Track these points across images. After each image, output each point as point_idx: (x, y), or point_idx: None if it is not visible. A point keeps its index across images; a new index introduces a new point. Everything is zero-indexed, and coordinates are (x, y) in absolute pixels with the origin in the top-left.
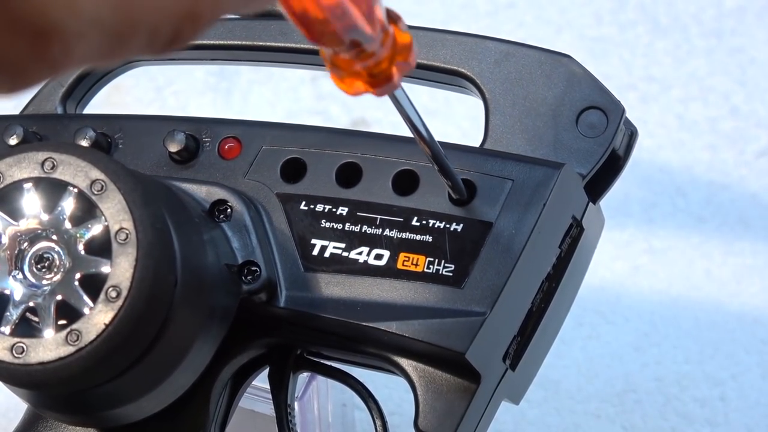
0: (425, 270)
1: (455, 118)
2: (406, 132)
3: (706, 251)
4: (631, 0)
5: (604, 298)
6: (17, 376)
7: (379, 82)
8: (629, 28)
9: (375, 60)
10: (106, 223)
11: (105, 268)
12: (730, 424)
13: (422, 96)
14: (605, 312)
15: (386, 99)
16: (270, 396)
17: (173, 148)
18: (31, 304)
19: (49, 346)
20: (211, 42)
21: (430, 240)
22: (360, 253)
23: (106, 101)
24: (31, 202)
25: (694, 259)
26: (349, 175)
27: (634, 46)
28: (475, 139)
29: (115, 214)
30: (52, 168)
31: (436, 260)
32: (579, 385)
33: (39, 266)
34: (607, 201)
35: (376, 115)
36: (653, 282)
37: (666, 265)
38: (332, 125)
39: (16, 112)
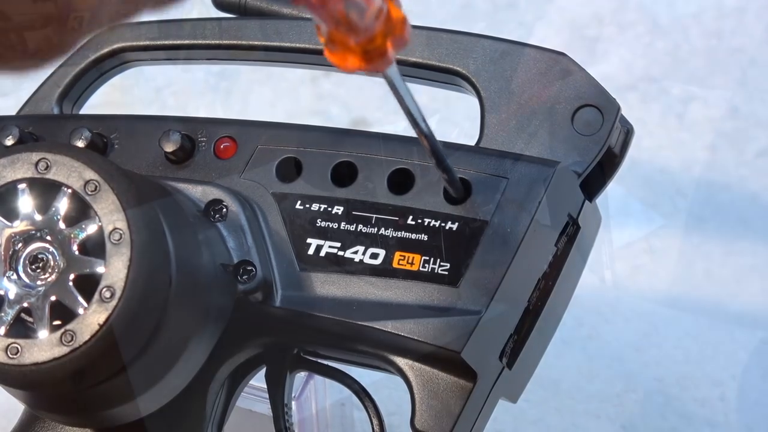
0: (421, 269)
1: (455, 118)
2: (403, 132)
3: (706, 251)
4: (631, 0)
5: (604, 298)
6: (12, 376)
7: (373, 58)
8: (629, 28)
9: (368, 35)
10: (99, 224)
11: (99, 269)
12: (730, 424)
13: (422, 96)
14: (605, 312)
15: (387, 99)
16: (267, 395)
17: (169, 148)
18: (25, 304)
19: (44, 346)
20: (211, 42)
21: (426, 239)
22: (355, 252)
23: (106, 101)
24: (26, 202)
25: (694, 259)
26: (344, 174)
27: (634, 46)
28: (475, 139)
29: (109, 214)
30: (46, 168)
31: (432, 259)
32: (579, 385)
33: (33, 267)
34: (607, 201)
35: (376, 115)
36: (653, 282)
37: (666, 265)
38: (332, 125)
39: (13, 112)
